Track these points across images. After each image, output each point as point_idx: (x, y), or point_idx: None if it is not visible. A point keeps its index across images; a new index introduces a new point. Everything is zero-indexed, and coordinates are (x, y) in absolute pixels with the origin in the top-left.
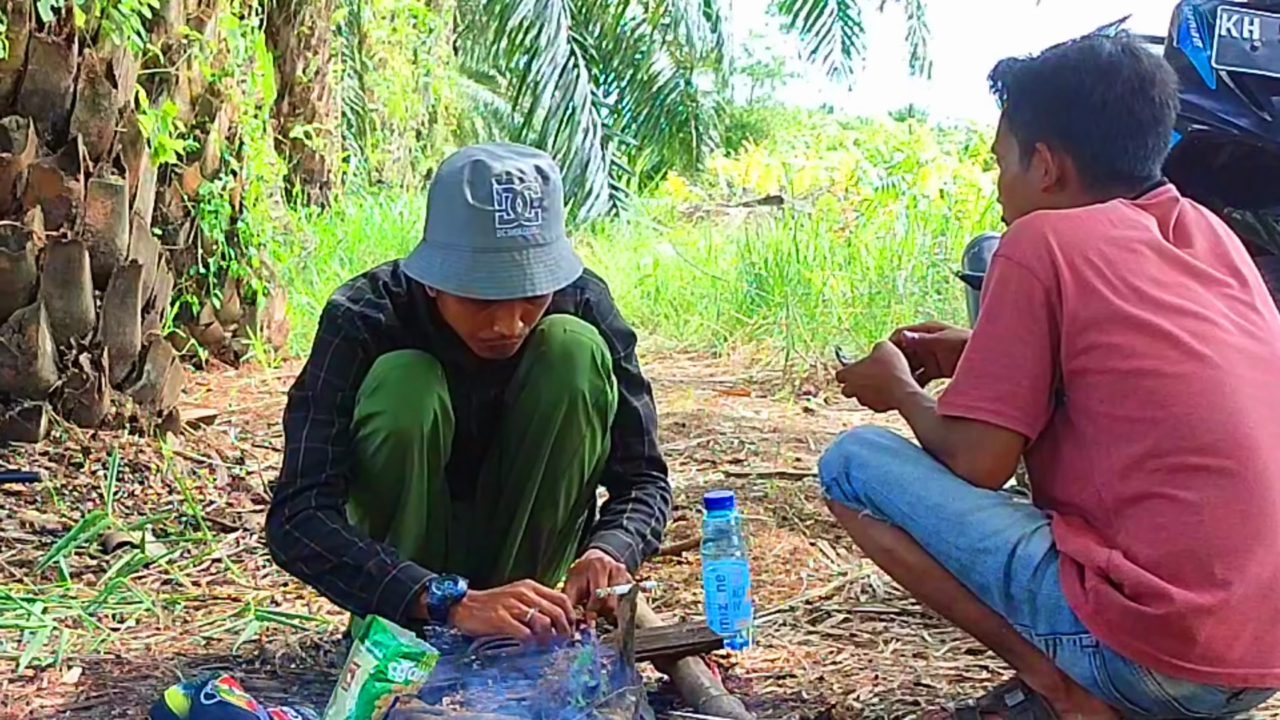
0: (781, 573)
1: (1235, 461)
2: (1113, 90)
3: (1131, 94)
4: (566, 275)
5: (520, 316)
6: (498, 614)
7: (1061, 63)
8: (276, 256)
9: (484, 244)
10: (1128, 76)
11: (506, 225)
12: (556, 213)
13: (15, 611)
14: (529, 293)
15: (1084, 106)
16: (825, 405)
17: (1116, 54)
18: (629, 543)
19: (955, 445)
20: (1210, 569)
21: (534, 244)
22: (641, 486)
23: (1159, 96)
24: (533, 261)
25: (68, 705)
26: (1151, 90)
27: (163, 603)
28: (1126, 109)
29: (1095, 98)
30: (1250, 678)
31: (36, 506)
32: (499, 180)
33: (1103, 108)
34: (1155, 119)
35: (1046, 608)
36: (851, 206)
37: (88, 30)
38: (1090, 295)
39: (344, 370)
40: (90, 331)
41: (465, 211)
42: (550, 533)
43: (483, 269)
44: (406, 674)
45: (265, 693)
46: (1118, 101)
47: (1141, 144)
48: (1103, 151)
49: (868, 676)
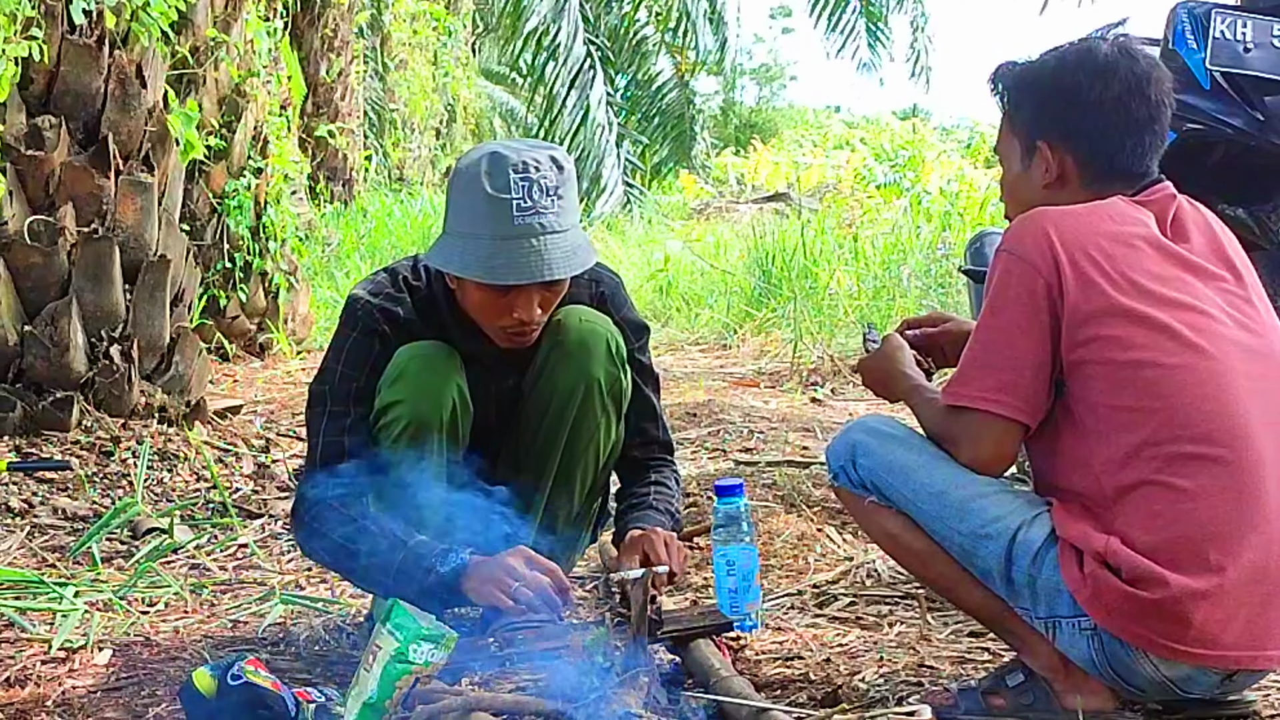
0: (790, 558)
1: (1230, 450)
2: (1110, 90)
3: (1128, 93)
4: (583, 262)
5: (539, 303)
6: (489, 589)
7: (1060, 64)
8: (300, 251)
9: (503, 231)
10: (1124, 76)
11: (524, 213)
12: (572, 201)
13: (48, 595)
14: (546, 277)
15: (1082, 106)
16: (832, 395)
17: (1113, 55)
18: (663, 520)
19: (958, 434)
20: (1205, 555)
21: (551, 230)
22: (658, 470)
23: (1155, 96)
24: (550, 247)
25: (99, 686)
26: (1148, 90)
27: (191, 587)
28: (1123, 108)
29: (1093, 97)
30: (1243, 660)
31: (68, 494)
32: (515, 170)
33: (1100, 107)
34: (1151, 118)
35: (1046, 592)
36: (857, 203)
37: (118, 33)
38: (1090, 289)
39: (360, 363)
40: (120, 324)
41: (484, 201)
42: (566, 517)
43: (502, 255)
44: (427, 655)
45: (290, 674)
46: (1115, 101)
47: (1139, 141)
48: (1101, 149)
49: (873, 658)
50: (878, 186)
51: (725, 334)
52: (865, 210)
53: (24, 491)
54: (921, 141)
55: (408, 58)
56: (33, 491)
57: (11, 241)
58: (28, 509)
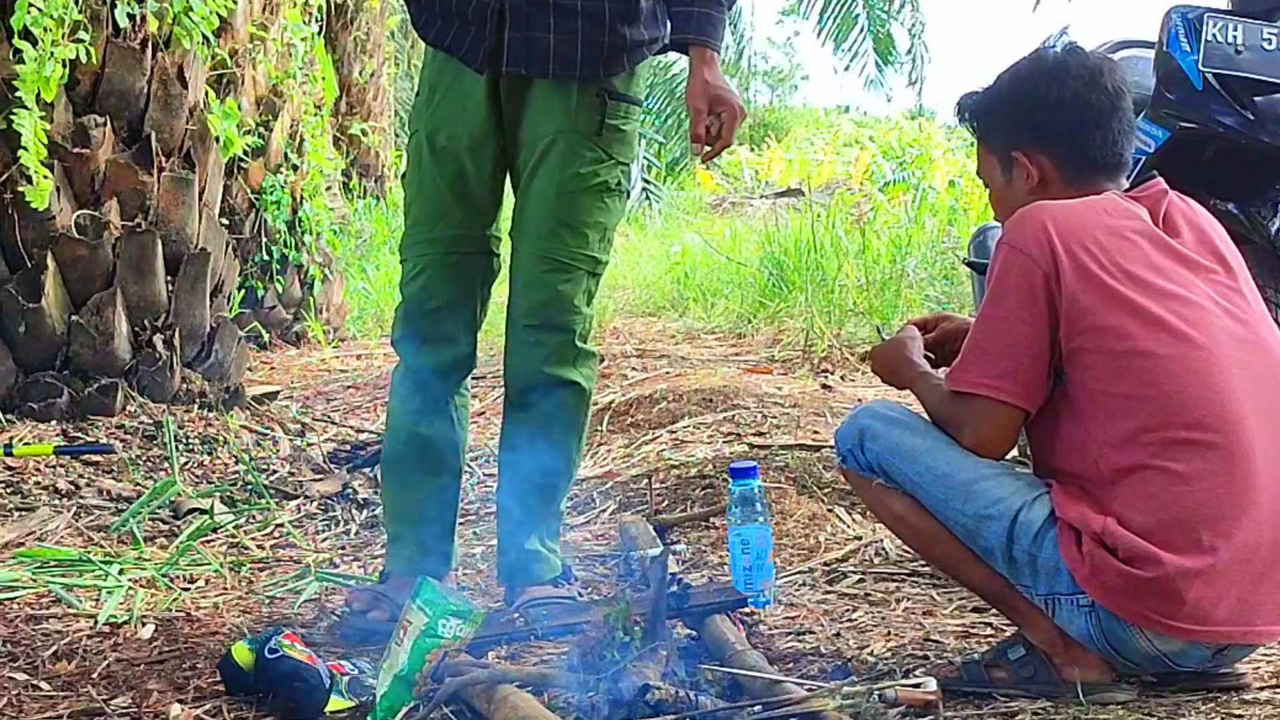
0: (801, 537)
1: (1221, 436)
2: (1067, 88)
3: (1085, 86)
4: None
5: None
6: None
7: (1015, 76)
8: (334, 244)
9: None
10: (1077, 72)
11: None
12: None
13: (94, 572)
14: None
15: (1045, 108)
16: (841, 382)
17: (1062, 56)
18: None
19: (962, 418)
20: (1198, 535)
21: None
22: None
23: (1110, 84)
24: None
25: (142, 659)
26: (1102, 79)
27: (230, 565)
28: (1083, 101)
29: (1053, 97)
30: (1234, 635)
31: (113, 476)
32: None
33: (1061, 105)
34: (1113, 105)
35: (1046, 570)
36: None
37: (160, 36)
38: (1087, 280)
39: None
40: (163, 314)
41: None
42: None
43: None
44: (455, 630)
45: (324, 648)
46: (1074, 96)
47: (1106, 130)
48: (1073, 145)
49: (881, 632)
50: (886, 183)
51: (740, 323)
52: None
53: (71, 474)
54: (928, 139)
55: None
56: (79, 474)
57: (59, 235)
58: (74, 490)
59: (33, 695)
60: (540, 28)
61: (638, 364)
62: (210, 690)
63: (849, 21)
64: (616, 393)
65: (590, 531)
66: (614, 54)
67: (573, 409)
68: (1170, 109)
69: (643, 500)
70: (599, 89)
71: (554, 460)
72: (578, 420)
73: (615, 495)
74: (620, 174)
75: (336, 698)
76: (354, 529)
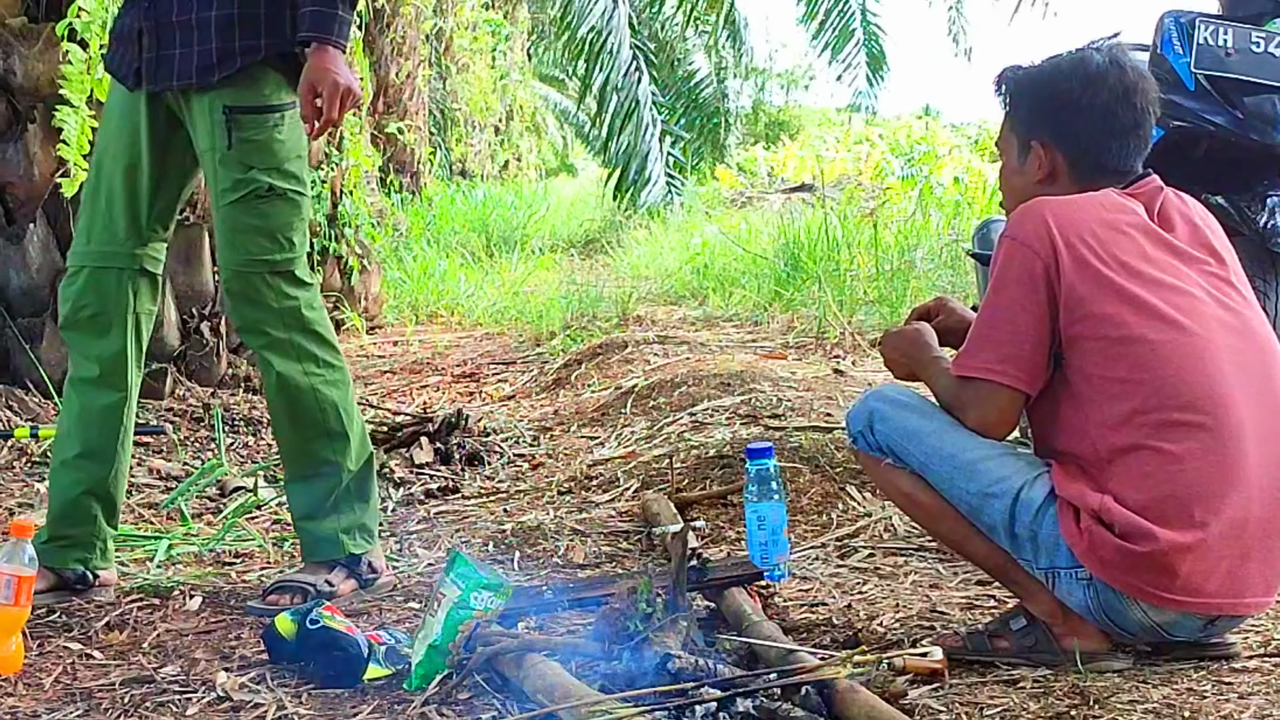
0: (814, 513)
1: (1212, 418)
2: (1099, 97)
3: (1115, 100)
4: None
5: None
6: None
7: (1056, 70)
8: (373, 237)
9: None
10: (1113, 85)
11: None
12: None
13: (144, 547)
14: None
15: (1073, 110)
16: (853, 367)
17: (1104, 65)
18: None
19: (966, 401)
20: (1190, 512)
21: None
22: None
23: (1140, 103)
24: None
25: (191, 629)
26: (1134, 98)
27: (273, 540)
28: (1110, 114)
29: (1083, 102)
30: (1224, 606)
31: (163, 456)
32: None
33: (1089, 112)
34: (1136, 123)
35: (1046, 545)
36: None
37: None
38: (1085, 271)
39: None
40: (210, 302)
41: None
42: None
43: None
44: (487, 602)
45: (363, 618)
46: (1103, 107)
47: (1124, 144)
48: (1089, 150)
49: (890, 604)
50: (895, 179)
51: (756, 311)
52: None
53: None
54: (935, 137)
55: (469, 61)
56: (131, 454)
57: None
58: None
59: (86, 664)
60: (169, 44)
61: (659, 350)
62: (255, 659)
63: (846, 35)
64: (639, 377)
65: (615, 509)
66: (224, 59)
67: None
68: (1164, 109)
69: (664, 479)
70: (224, 106)
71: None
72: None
73: (638, 474)
74: (272, 177)
75: (374, 666)
76: (390, 506)
